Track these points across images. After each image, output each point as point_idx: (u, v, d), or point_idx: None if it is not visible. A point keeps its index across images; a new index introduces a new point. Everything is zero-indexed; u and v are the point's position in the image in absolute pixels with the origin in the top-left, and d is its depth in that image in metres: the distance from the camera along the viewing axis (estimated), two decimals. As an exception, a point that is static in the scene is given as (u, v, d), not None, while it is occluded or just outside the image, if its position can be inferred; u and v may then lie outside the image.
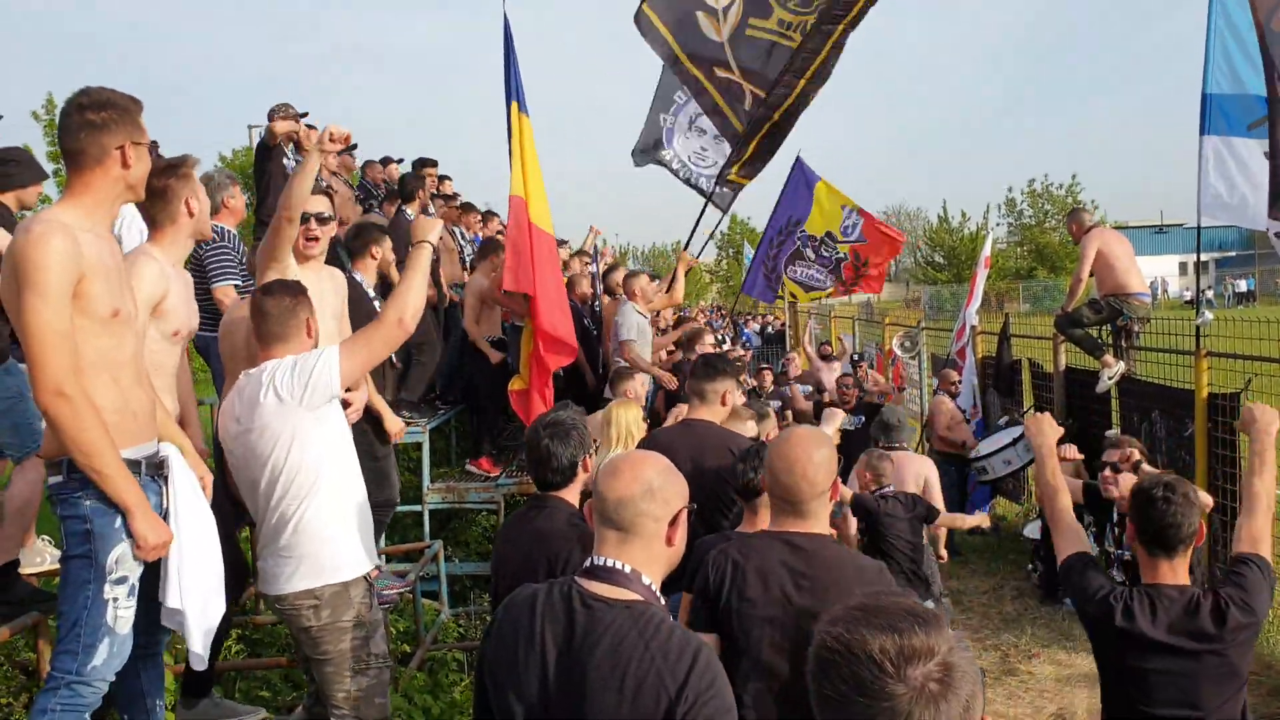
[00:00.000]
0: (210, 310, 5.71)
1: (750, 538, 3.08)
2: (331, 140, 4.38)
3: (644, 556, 2.37)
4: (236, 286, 5.81)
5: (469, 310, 8.64)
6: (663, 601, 2.38)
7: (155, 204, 3.84)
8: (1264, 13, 6.44)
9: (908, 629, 1.48)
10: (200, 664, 3.47)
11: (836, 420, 5.23)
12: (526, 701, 2.28)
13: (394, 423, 5.69)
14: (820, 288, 16.12)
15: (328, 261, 5.15)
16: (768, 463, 3.04)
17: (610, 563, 2.36)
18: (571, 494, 3.61)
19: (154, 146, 3.53)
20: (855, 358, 13.85)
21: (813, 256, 15.82)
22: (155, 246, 3.90)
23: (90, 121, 3.13)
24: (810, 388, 13.08)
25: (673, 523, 2.40)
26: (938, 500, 6.73)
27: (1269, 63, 6.49)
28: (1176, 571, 3.23)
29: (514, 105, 7.05)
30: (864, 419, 11.35)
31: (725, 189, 9.37)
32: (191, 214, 3.92)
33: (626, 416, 5.47)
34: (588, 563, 2.40)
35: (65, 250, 2.96)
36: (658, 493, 2.39)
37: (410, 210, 8.98)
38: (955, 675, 1.47)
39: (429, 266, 3.86)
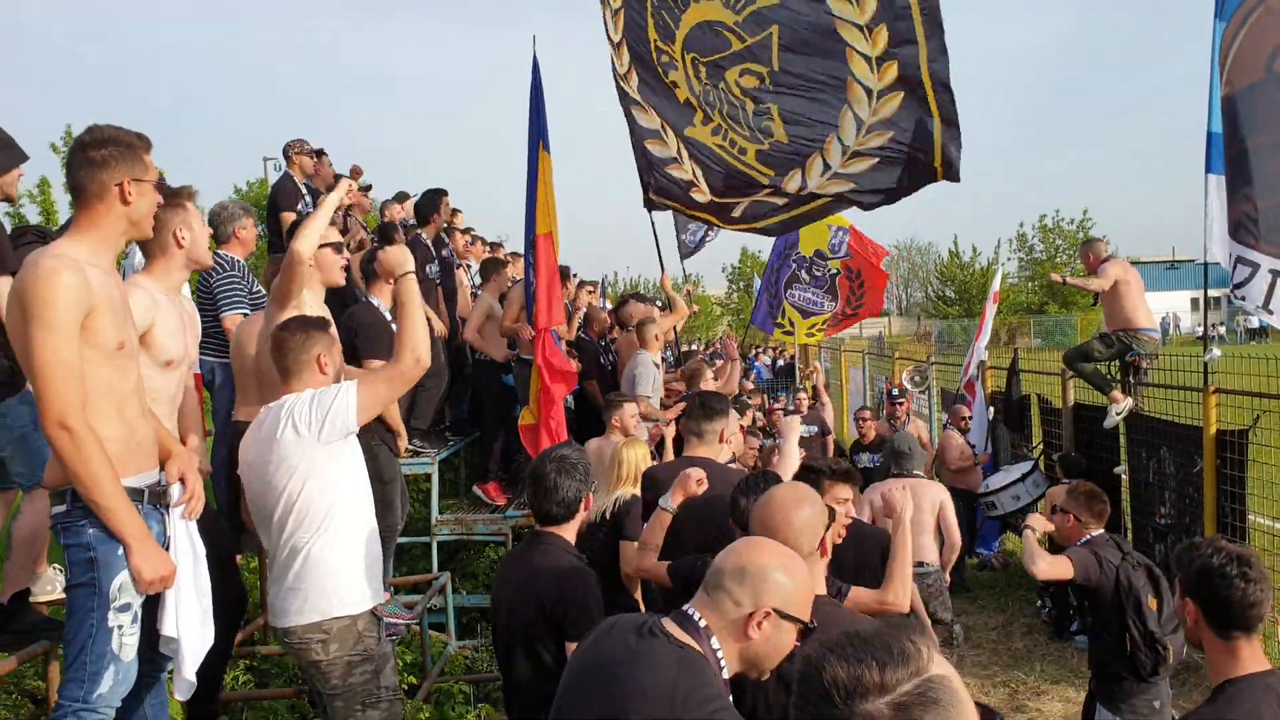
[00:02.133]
0: (219, 336, 5.82)
1: None
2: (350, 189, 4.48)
3: (718, 625, 2.35)
4: (245, 315, 5.90)
5: (473, 322, 8.67)
6: (725, 674, 2.33)
7: None
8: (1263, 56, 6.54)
9: (867, 661, 1.41)
10: (184, 693, 3.46)
11: (795, 430, 5.19)
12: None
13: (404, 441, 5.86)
14: (818, 311, 16.06)
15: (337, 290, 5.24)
16: (752, 527, 2.95)
17: (691, 611, 2.38)
18: (569, 531, 3.64)
19: (160, 182, 3.54)
20: (894, 393, 13.48)
21: (807, 278, 15.87)
22: (146, 277, 3.92)
23: (91, 159, 3.18)
24: (815, 427, 12.99)
25: (752, 618, 2.33)
26: (953, 529, 6.72)
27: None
28: (1257, 652, 2.88)
29: (539, 144, 7.19)
30: (817, 429, 11.39)
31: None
32: (180, 245, 3.91)
33: (635, 455, 5.50)
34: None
35: (74, 285, 3.01)
36: (747, 579, 2.35)
37: (425, 234, 9.06)
38: (911, 714, 1.38)
39: (420, 296, 3.91)
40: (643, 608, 4.89)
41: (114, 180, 3.19)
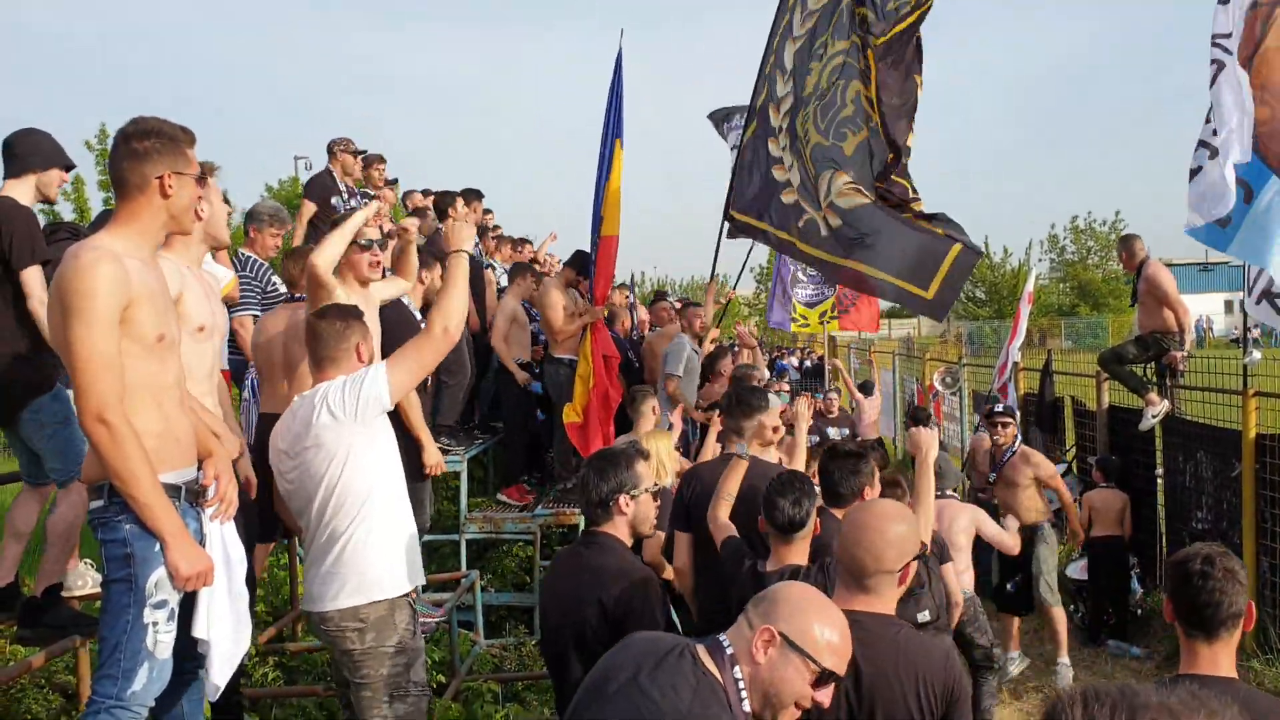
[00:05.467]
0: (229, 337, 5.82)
1: None
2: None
3: (740, 648, 2.36)
4: (255, 317, 5.91)
5: (498, 330, 8.64)
6: (746, 706, 2.32)
7: None
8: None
9: None
10: (212, 695, 3.46)
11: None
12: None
13: (432, 455, 5.70)
14: (821, 300, 16.18)
15: None
16: (841, 530, 2.94)
17: (723, 638, 2.39)
18: (616, 529, 3.57)
19: (203, 176, 3.52)
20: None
21: (804, 277, 16.02)
22: (167, 251, 3.89)
23: (134, 151, 3.17)
24: (845, 430, 12.89)
25: (758, 636, 2.35)
26: (996, 540, 6.53)
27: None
28: (1218, 659, 2.72)
29: (618, 142, 7.05)
30: (848, 431, 11.42)
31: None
32: (199, 217, 3.79)
33: (660, 445, 5.45)
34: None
35: (113, 277, 3.00)
36: (765, 600, 2.42)
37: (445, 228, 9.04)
38: None
39: (468, 276, 3.91)
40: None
41: (155, 173, 3.18)
